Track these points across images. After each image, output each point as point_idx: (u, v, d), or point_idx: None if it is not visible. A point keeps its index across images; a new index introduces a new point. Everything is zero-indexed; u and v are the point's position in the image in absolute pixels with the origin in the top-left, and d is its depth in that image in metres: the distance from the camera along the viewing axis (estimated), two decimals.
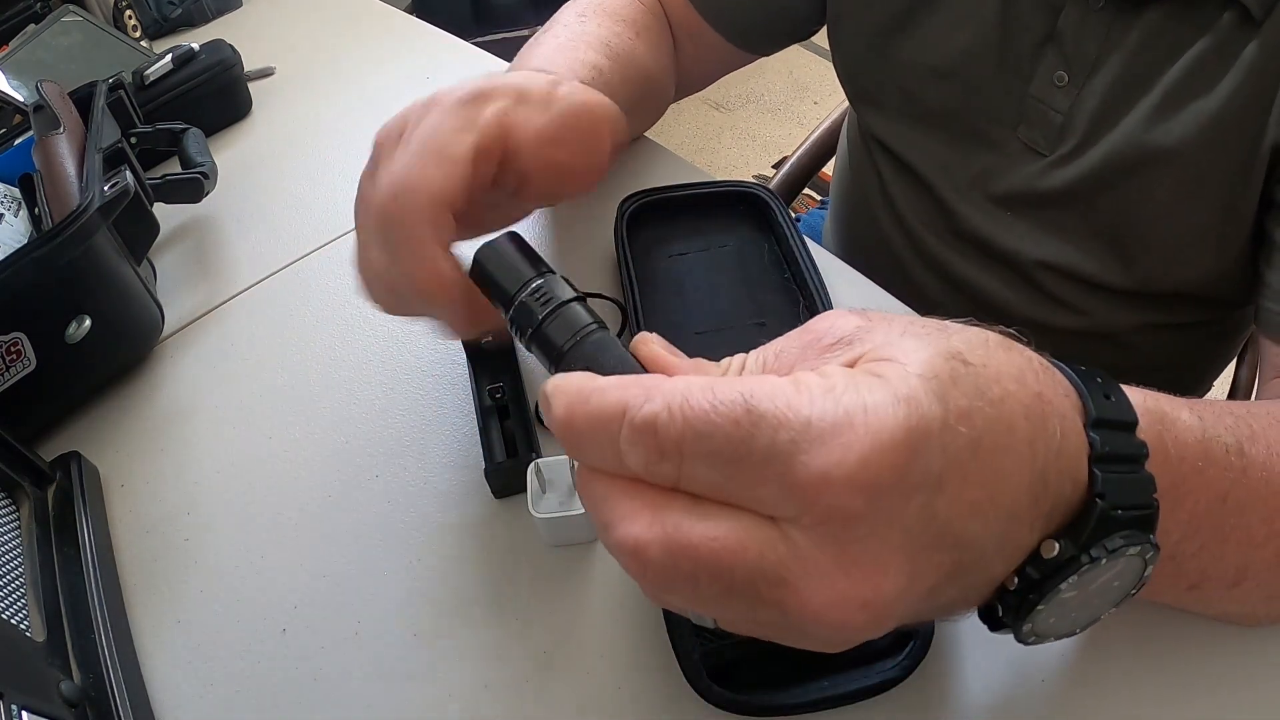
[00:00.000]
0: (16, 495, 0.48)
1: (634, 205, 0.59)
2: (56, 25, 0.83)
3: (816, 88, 2.38)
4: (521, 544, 0.46)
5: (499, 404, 0.49)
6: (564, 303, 0.31)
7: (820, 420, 0.22)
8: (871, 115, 0.68)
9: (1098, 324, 0.63)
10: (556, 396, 0.25)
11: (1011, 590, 0.26)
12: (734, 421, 0.23)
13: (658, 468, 0.24)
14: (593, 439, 0.25)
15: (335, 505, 0.49)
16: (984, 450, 0.23)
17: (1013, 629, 0.27)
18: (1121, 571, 0.27)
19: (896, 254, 0.70)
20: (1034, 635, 0.27)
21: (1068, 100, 0.55)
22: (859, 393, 0.23)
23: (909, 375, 0.23)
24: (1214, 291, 0.58)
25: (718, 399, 0.23)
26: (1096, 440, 0.26)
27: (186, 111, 0.75)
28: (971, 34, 0.57)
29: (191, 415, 0.55)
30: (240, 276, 0.64)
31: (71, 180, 0.57)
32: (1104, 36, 0.52)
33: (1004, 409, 0.24)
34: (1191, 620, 0.40)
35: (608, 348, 0.30)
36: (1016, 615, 0.26)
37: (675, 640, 0.39)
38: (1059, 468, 0.25)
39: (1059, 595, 0.25)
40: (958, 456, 0.23)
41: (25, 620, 0.42)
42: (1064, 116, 0.55)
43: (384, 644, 0.43)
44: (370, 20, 0.95)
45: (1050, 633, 0.28)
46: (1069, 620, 0.28)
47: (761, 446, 0.22)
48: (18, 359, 0.50)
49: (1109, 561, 0.25)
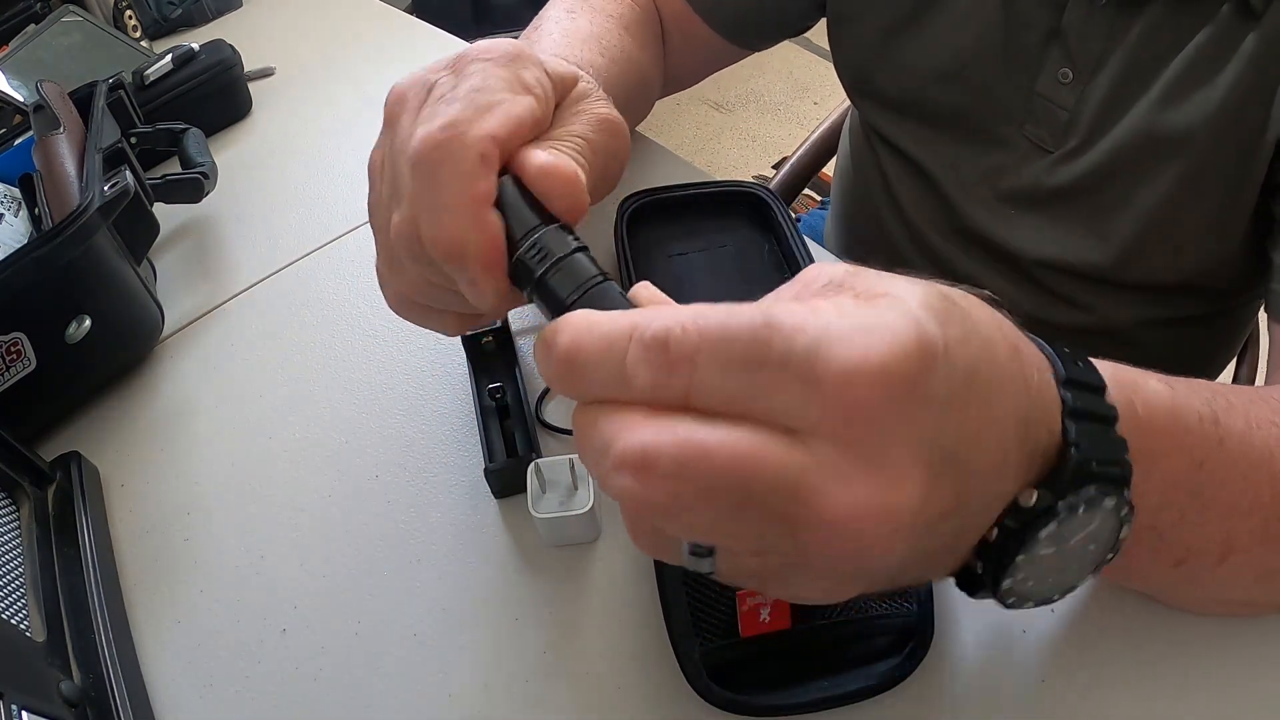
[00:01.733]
0: (16, 495, 0.48)
1: (634, 205, 0.59)
2: (56, 25, 0.83)
3: (817, 88, 2.38)
4: (521, 544, 0.46)
5: (499, 404, 0.49)
6: (569, 254, 0.30)
7: (839, 325, 0.22)
8: (876, 114, 0.68)
9: (1100, 320, 0.63)
10: (563, 329, 0.24)
11: (991, 542, 0.26)
12: (751, 331, 0.22)
13: (667, 383, 0.23)
14: (598, 364, 0.24)
15: (335, 505, 0.49)
16: (979, 382, 0.24)
17: (991, 589, 0.27)
18: (1097, 531, 0.27)
19: (900, 252, 0.71)
20: (1013, 596, 0.27)
21: (1073, 96, 0.55)
22: (868, 311, 0.22)
23: (908, 304, 0.23)
24: (1216, 281, 0.58)
25: (732, 313, 0.23)
26: (1069, 397, 0.26)
27: (186, 111, 0.75)
28: (975, 34, 0.57)
29: (191, 415, 0.55)
30: (240, 276, 0.64)
31: (71, 180, 0.57)
32: (1107, 32, 0.53)
33: (992, 348, 0.24)
34: (1191, 620, 0.40)
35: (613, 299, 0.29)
36: (997, 569, 0.26)
37: (675, 640, 0.39)
38: (1037, 417, 0.25)
39: (1037, 548, 0.25)
40: (959, 383, 0.23)
41: (25, 620, 0.42)
42: (1069, 113, 0.56)
43: (384, 644, 0.43)
44: (370, 20, 0.95)
45: (1029, 595, 0.28)
46: (1046, 583, 0.28)
47: (780, 350, 0.22)
48: (18, 359, 0.50)
49: (1085, 513, 0.25)
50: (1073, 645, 0.40)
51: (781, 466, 0.22)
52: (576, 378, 0.24)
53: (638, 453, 0.22)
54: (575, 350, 0.24)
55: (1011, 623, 0.41)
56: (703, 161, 2.18)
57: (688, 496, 0.22)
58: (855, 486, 0.22)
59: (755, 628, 0.39)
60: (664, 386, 0.23)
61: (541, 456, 0.45)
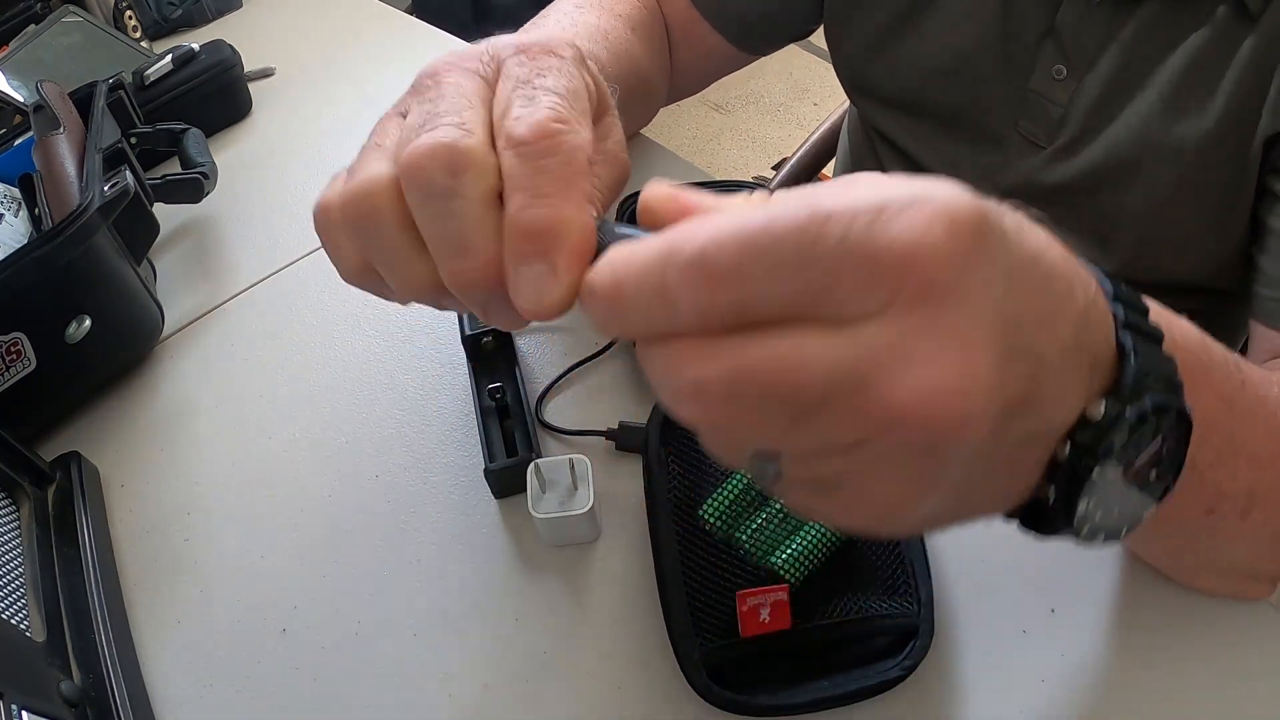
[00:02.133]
0: (16, 495, 0.48)
1: (634, 205, 0.59)
2: (56, 26, 0.83)
3: (816, 89, 2.38)
4: (521, 544, 0.46)
5: (499, 404, 0.49)
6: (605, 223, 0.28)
7: (895, 201, 0.20)
8: (875, 112, 0.68)
9: None
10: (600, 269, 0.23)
11: (1062, 461, 0.25)
12: (799, 227, 0.21)
13: (712, 303, 0.21)
14: (641, 299, 0.22)
15: (335, 505, 0.49)
16: (1042, 265, 0.23)
17: (1066, 517, 0.26)
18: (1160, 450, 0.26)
19: None
20: (1088, 524, 0.26)
21: (1066, 93, 0.55)
22: (917, 187, 0.21)
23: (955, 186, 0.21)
24: (1216, 282, 0.58)
25: (773, 211, 0.21)
26: (1119, 311, 0.26)
27: (186, 112, 0.75)
28: (972, 31, 0.57)
29: (191, 415, 0.55)
30: (240, 276, 0.64)
31: (71, 180, 0.57)
32: (1103, 30, 0.53)
33: (1051, 243, 0.24)
34: (1191, 621, 0.40)
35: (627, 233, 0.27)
36: (1070, 491, 0.25)
37: (675, 640, 0.39)
38: (1094, 321, 0.25)
39: (1109, 466, 0.25)
40: (1024, 258, 0.22)
41: (25, 620, 0.42)
42: (1063, 109, 0.56)
43: (384, 644, 0.43)
44: (370, 20, 0.95)
45: (1100, 526, 0.27)
46: (1113, 515, 0.27)
47: (835, 238, 0.20)
48: (18, 359, 0.50)
49: (1149, 426, 0.25)
50: (1072, 645, 0.40)
51: (836, 362, 0.21)
52: (624, 318, 0.23)
53: (690, 387, 0.22)
54: (617, 290, 0.23)
55: (1011, 623, 0.41)
56: (703, 162, 2.19)
57: (748, 415, 0.22)
58: (926, 368, 0.20)
59: (755, 628, 0.39)
60: (711, 307, 0.22)
61: (541, 457, 0.45)
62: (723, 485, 0.43)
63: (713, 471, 0.43)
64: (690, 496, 0.43)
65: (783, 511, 0.42)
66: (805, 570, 0.40)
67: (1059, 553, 0.44)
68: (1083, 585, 0.42)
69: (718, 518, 0.42)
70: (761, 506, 0.42)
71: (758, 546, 0.41)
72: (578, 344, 0.54)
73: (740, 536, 0.41)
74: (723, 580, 0.40)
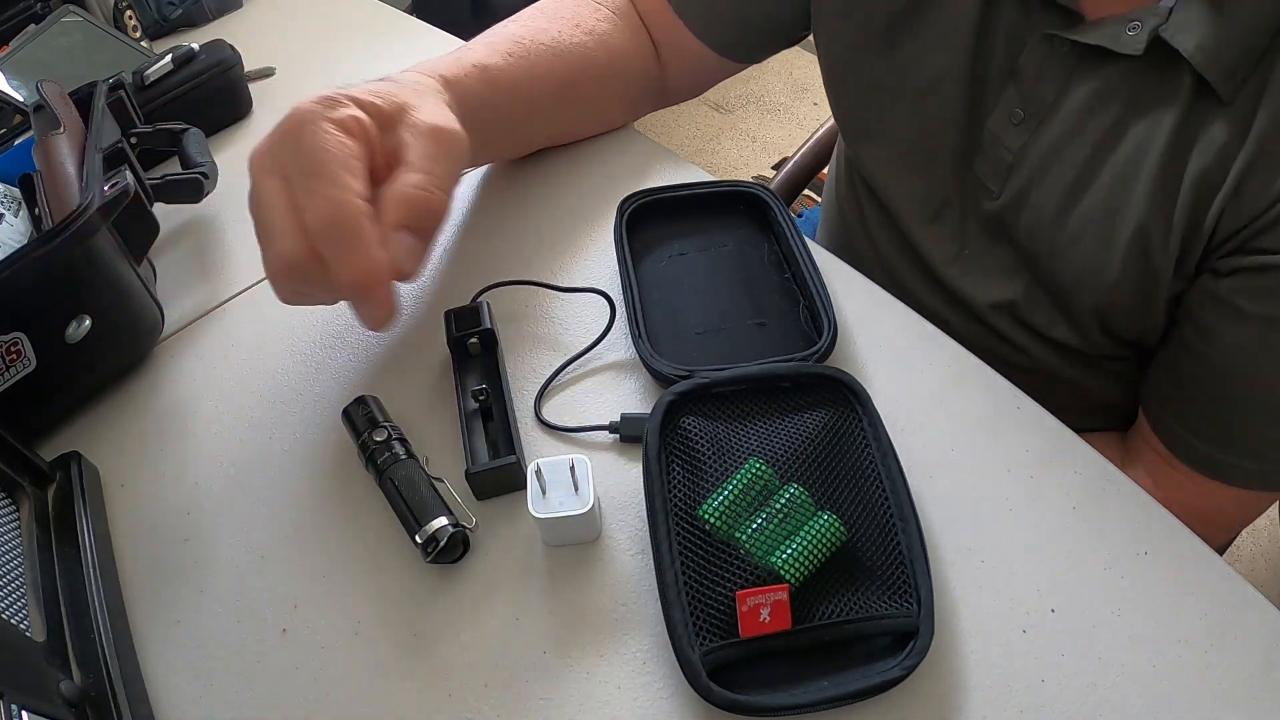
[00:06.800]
0: (16, 495, 0.48)
1: (634, 205, 0.59)
2: (56, 25, 0.83)
3: (816, 89, 2.38)
4: (521, 544, 0.46)
5: (483, 406, 0.49)
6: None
7: None
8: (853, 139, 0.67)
9: (1049, 368, 0.62)
10: None
11: None
12: None
13: None
14: None
15: (335, 505, 0.49)
16: None
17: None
18: None
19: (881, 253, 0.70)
20: None
21: (1019, 140, 0.54)
22: None
23: None
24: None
25: None
26: None
27: (186, 111, 0.75)
28: (946, 59, 0.56)
29: (191, 415, 0.55)
30: (240, 276, 0.64)
31: (71, 180, 0.57)
32: (1064, 81, 0.51)
33: None
34: (1190, 621, 0.40)
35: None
36: None
37: (675, 640, 0.39)
38: None
39: None
40: None
41: (25, 620, 0.42)
42: (1013, 155, 0.54)
43: (384, 644, 0.43)
44: (370, 20, 0.95)
45: None
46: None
47: None
48: (18, 359, 0.50)
49: None
50: (1072, 645, 0.40)
51: None
52: None
53: None
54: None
55: (1011, 623, 0.41)
56: (703, 162, 2.19)
57: None
58: None
59: (755, 628, 0.39)
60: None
61: (524, 459, 0.45)
62: (723, 485, 0.43)
63: (713, 471, 0.43)
64: (690, 496, 0.43)
65: (783, 511, 0.42)
66: (805, 570, 0.40)
67: (1059, 553, 0.44)
68: (1083, 585, 0.42)
69: (718, 518, 0.42)
70: (761, 506, 0.42)
71: (758, 546, 0.41)
72: (570, 342, 0.54)
73: (740, 536, 0.41)
74: (723, 580, 0.40)
